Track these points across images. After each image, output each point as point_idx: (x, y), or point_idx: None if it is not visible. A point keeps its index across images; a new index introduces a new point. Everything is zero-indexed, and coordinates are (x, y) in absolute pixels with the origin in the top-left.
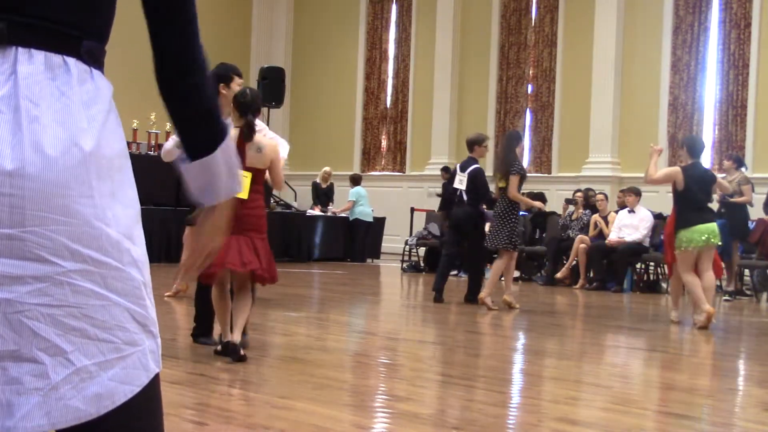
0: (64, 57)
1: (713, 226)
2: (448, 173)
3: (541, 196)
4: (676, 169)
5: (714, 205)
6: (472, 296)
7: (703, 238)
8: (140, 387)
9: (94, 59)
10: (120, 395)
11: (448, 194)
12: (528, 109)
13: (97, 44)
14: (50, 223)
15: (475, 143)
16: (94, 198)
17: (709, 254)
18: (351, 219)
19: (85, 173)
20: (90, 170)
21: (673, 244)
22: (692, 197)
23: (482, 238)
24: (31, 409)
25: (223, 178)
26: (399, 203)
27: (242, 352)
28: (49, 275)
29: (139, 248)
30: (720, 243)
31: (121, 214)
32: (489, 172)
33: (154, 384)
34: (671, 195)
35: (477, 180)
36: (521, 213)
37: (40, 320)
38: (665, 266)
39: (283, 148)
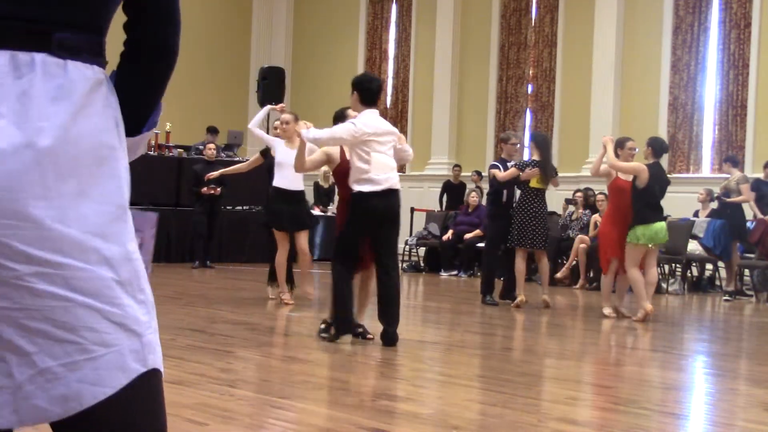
0: (33, 54)
1: (665, 225)
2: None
3: None
4: (643, 166)
5: (713, 204)
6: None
7: (660, 236)
8: (116, 389)
9: (72, 50)
10: (88, 397)
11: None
12: (528, 109)
13: (75, 35)
14: (1, 228)
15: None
16: (50, 199)
17: (655, 251)
18: None
19: (38, 175)
20: (46, 171)
21: (611, 242)
22: (652, 195)
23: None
24: (2, 404)
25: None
26: None
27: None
28: (4, 279)
29: (114, 245)
30: (665, 241)
31: (89, 211)
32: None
33: (144, 383)
34: (670, 195)
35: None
36: None
37: (2, 322)
38: (667, 266)
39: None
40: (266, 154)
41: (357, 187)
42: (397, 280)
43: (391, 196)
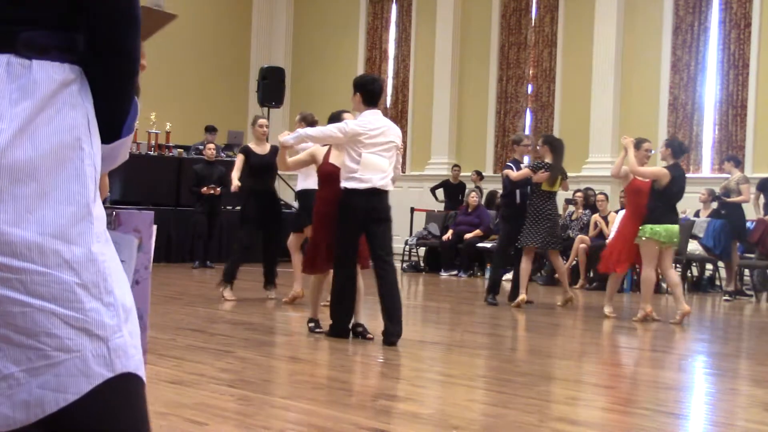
0: None
1: (678, 228)
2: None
3: None
4: (665, 171)
5: (714, 204)
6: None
7: (674, 240)
8: (78, 395)
9: (39, 49)
10: (50, 403)
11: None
12: (528, 109)
13: (43, 33)
14: None
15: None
16: (5, 202)
17: (670, 253)
18: None
19: None
20: (1, 173)
21: (633, 244)
22: (671, 197)
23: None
24: None
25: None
26: (399, 203)
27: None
28: None
29: (77, 247)
30: (677, 244)
31: (50, 213)
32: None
33: (113, 388)
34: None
35: None
36: None
37: None
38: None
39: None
40: (247, 153)
41: (344, 184)
42: (394, 275)
43: (375, 195)
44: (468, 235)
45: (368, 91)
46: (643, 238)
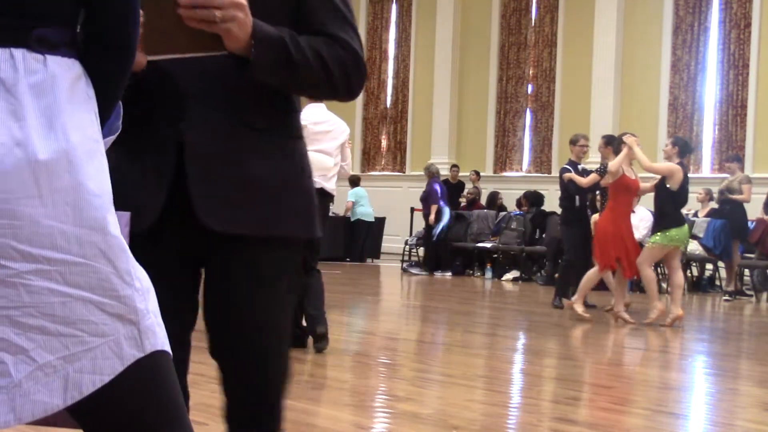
0: (11, 50)
1: (687, 228)
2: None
3: (539, 197)
4: (678, 167)
5: (713, 204)
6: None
7: (685, 240)
8: (112, 375)
9: (52, 45)
10: (88, 385)
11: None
12: (528, 109)
13: (56, 29)
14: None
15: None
16: (43, 197)
17: (679, 253)
18: (353, 220)
19: (29, 173)
20: (38, 168)
21: (617, 241)
22: (683, 197)
23: None
24: None
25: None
26: (399, 203)
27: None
28: (2, 278)
29: (112, 237)
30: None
31: (85, 205)
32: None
33: (144, 367)
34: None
35: None
36: (518, 213)
37: None
38: (664, 265)
39: None
40: None
41: None
42: (321, 281)
43: (325, 198)
44: (431, 218)
45: None
46: (656, 244)
